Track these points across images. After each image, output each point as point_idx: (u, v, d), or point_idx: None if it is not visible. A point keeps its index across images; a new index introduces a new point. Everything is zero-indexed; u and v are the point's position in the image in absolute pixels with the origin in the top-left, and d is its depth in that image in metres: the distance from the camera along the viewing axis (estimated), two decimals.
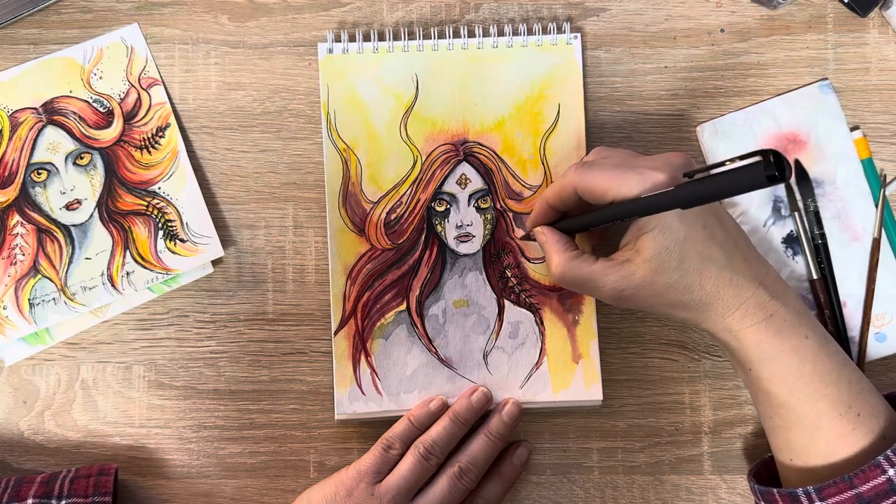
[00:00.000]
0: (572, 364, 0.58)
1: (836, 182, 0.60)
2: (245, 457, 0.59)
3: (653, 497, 0.59)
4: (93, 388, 0.59)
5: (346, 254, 0.59)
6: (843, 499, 0.47)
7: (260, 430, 0.59)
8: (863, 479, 0.47)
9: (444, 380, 0.58)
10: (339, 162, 0.59)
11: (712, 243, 0.49)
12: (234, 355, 0.59)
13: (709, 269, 0.49)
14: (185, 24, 0.61)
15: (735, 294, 0.49)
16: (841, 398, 0.49)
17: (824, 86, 0.61)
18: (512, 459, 0.57)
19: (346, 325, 0.58)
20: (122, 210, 0.59)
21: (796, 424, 0.50)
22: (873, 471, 0.47)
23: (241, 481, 0.59)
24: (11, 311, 0.57)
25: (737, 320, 0.49)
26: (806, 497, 0.48)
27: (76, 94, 0.60)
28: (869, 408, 0.50)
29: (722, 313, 0.49)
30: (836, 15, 0.62)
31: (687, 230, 0.48)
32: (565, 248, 0.52)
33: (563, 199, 0.52)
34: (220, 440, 0.59)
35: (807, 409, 0.49)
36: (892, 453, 0.47)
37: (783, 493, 0.50)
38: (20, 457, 0.58)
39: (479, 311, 0.59)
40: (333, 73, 0.60)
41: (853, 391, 0.50)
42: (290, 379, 0.59)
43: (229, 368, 0.59)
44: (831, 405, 0.49)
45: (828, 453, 0.49)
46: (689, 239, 0.48)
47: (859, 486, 0.47)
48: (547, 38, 0.60)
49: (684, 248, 0.48)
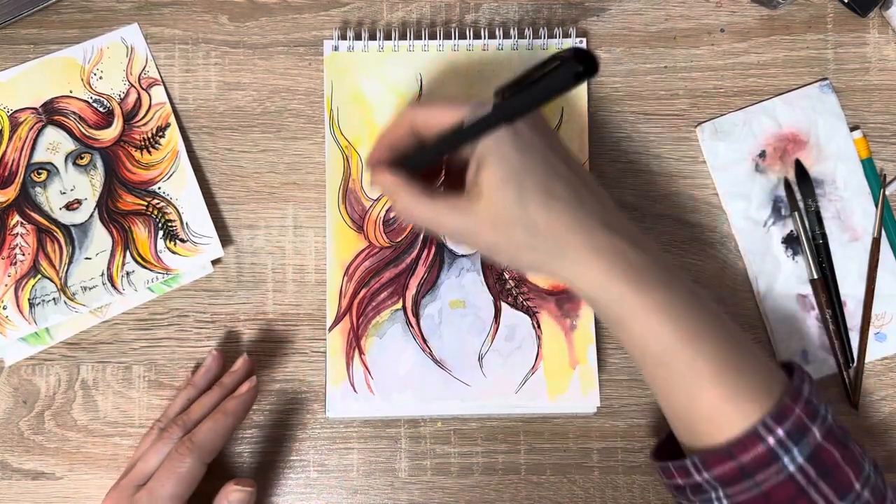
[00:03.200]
0: (569, 369, 0.58)
1: (836, 182, 0.60)
2: (245, 457, 0.59)
3: (653, 497, 0.59)
4: (93, 388, 0.59)
5: (344, 250, 0.59)
6: (726, 469, 0.45)
7: (260, 431, 0.59)
8: (742, 450, 0.44)
9: (438, 381, 0.58)
10: (340, 159, 0.59)
11: (555, 177, 0.46)
12: (234, 355, 0.59)
13: (554, 205, 0.45)
14: (185, 24, 0.61)
15: (588, 239, 0.45)
16: (719, 353, 0.46)
17: (824, 86, 0.61)
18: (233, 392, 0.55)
19: (340, 321, 0.58)
20: (122, 210, 0.59)
21: (675, 384, 0.47)
22: (752, 440, 0.44)
23: None
24: (11, 311, 0.57)
25: (595, 271, 0.45)
26: (694, 468, 0.46)
27: (76, 94, 0.60)
28: (749, 362, 0.47)
29: (575, 259, 0.45)
30: (836, 15, 0.62)
31: (523, 160, 0.45)
32: (407, 186, 0.48)
33: (399, 136, 0.50)
34: None
35: (684, 367, 0.46)
36: (772, 420, 0.44)
37: (676, 465, 0.48)
38: (20, 457, 0.58)
39: (475, 313, 0.58)
40: (338, 70, 0.60)
41: (732, 345, 0.46)
42: (289, 379, 0.59)
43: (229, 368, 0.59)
44: (709, 361, 0.45)
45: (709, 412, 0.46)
46: (527, 169, 0.45)
47: (739, 455, 0.44)
48: (552, 42, 0.60)
49: (522, 178, 0.45)
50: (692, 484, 0.47)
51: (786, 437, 0.44)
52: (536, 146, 0.46)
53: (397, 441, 0.59)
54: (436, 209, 0.47)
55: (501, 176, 0.45)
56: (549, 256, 0.46)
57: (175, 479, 0.51)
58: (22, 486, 0.58)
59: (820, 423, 0.45)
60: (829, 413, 0.46)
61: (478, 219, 0.46)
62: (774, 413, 0.44)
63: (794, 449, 0.44)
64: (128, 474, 0.53)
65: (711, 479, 0.46)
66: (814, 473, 0.44)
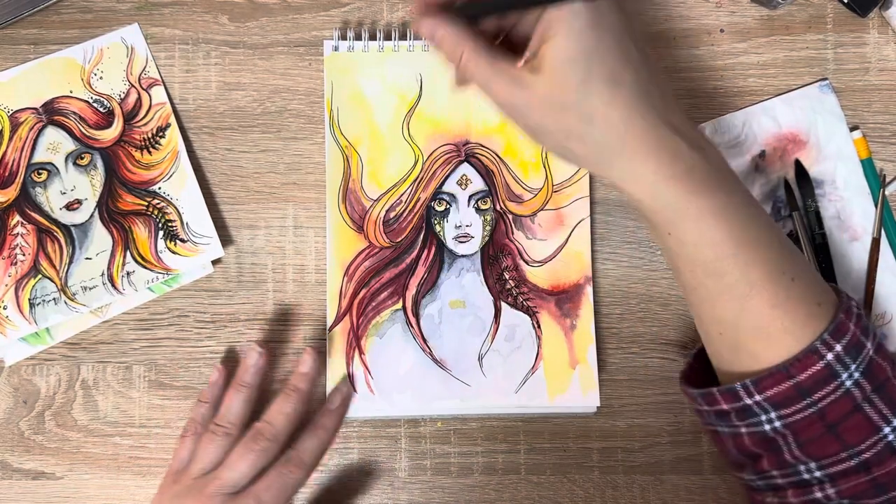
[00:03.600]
0: (569, 369, 0.58)
1: (836, 182, 0.60)
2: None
3: (653, 497, 0.59)
4: (93, 388, 0.59)
5: (345, 250, 0.59)
6: (781, 390, 0.44)
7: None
8: (800, 368, 0.43)
9: (438, 381, 0.58)
10: (340, 159, 0.59)
11: (626, 64, 0.41)
12: (235, 355, 0.59)
13: (617, 94, 0.41)
14: (186, 25, 0.61)
15: (646, 134, 0.41)
16: (773, 261, 0.44)
17: (824, 86, 0.61)
18: (327, 405, 0.56)
19: (341, 321, 0.58)
20: (122, 210, 0.59)
21: (725, 294, 0.44)
22: (810, 358, 0.43)
23: None
24: (12, 311, 0.57)
25: (650, 169, 0.42)
26: (745, 391, 0.45)
27: (76, 94, 0.60)
28: (801, 272, 0.45)
29: (630, 157, 0.42)
30: (835, 15, 0.62)
31: (598, 41, 0.40)
32: (461, 35, 0.42)
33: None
34: None
35: (737, 275, 0.43)
36: (829, 336, 0.43)
37: (722, 390, 0.46)
38: (20, 457, 0.58)
39: (475, 313, 0.59)
40: (338, 70, 0.60)
41: (785, 254, 0.44)
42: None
43: (229, 368, 0.59)
44: (764, 270, 0.43)
45: (760, 324, 0.44)
46: (598, 52, 0.40)
47: (797, 375, 0.43)
48: None
49: (591, 62, 0.40)
50: (739, 408, 0.46)
51: (844, 353, 0.43)
52: (614, 26, 0.41)
53: (397, 441, 0.59)
54: (490, 71, 0.42)
55: (569, 55, 0.40)
56: (600, 150, 0.42)
57: (287, 491, 0.51)
58: (22, 486, 0.58)
59: (872, 338, 0.45)
60: (875, 329, 0.46)
61: (531, 95, 0.41)
62: (832, 329, 0.43)
63: (851, 365, 0.43)
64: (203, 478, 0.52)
65: (763, 400, 0.44)
66: (869, 388, 0.44)
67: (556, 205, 0.60)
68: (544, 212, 0.59)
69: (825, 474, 0.45)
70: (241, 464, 0.51)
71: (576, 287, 0.59)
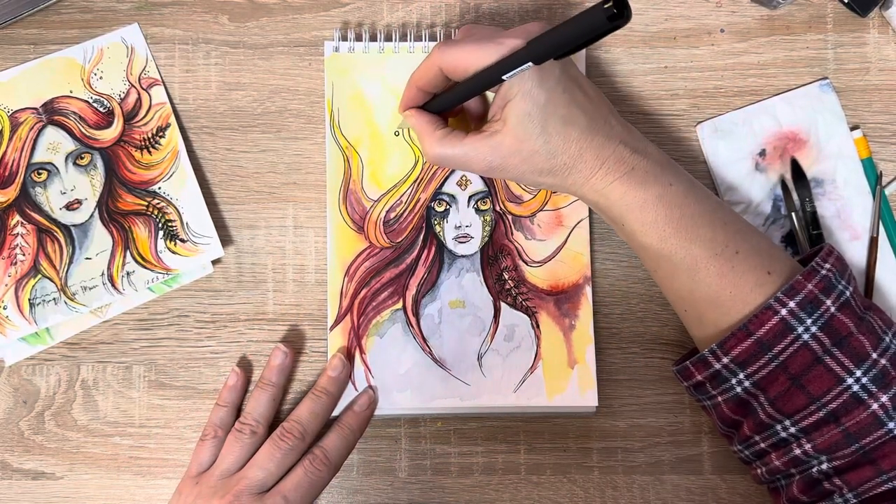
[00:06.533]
0: (567, 369, 0.58)
1: (836, 181, 0.60)
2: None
3: (653, 497, 0.59)
4: (93, 388, 0.59)
5: (345, 251, 0.59)
6: (744, 348, 0.48)
7: None
8: (757, 324, 0.47)
9: (438, 380, 0.58)
10: (340, 159, 0.59)
11: (573, 106, 0.49)
12: (234, 355, 0.59)
13: (571, 132, 0.49)
14: (186, 24, 0.61)
15: (597, 154, 0.50)
16: (716, 238, 0.49)
17: (824, 85, 0.61)
18: (353, 407, 0.57)
19: (341, 321, 0.58)
20: (122, 210, 0.59)
21: (677, 271, 0.50)
22: (765, 313, 0.47)
23: None
24: (12, 311, 0.57)
25: (600, 178, 0.50)
26: (713, 356, 0.50)
27: (76, 94, 0.60)
28: (748, 245, 0.50)
29: (586, 174, 0.50)
30: (836, 15, 0.62)
31: (548, 95, 0.49)
32: (435, 128, 0.52)
33: (429, 79, 0.51)
34: None
35: (682, 253, 0.50)
36: (783, 294, 0.47)
37: (694, 361, 0.51)
38: (20, 457, 0.58)
39: (474, 313, 0.59)
40: (338, 71, 0.60)
41: (729, 231, 0.50)
42: (290, 378, 0.59)
43: (229, 368, 0.59)
44: (705, 246, 0.49)
45: (711, 295, 0.50)
46: (550, 103, 0.49)
47: (756, 331, 0.47)
48: None
49: (546, 112, 0.49)
50: (711, 374, 0.50)
51: (798, 308, 0.47)
52: (560, 79, 0.49)
53: (397, 441, 0.59)
54: (464, 146, 0.51)
55: (527, 110, 0.48)
56: (565, 176, 0.51)
57: (313, 490, 0.53)
58: (22, 486, 0.58)
59: (835, 297, 0.48)
60: (848, 289, 0.48)
61: (503, 149, 0.50)
62: (786, 289, 0.47)
63: (807, 320, 0.47)
64: (229, 478, 0.53)
65: (730, 362, 0.49)
66: (828, 342, 0.47)
67: (555, 205, 0.60)
68: (543, 212, 0.60)
69: (799, 429, 0.48)
70: (268, 462, 0.53)
71: (575, 287, 0.59)
